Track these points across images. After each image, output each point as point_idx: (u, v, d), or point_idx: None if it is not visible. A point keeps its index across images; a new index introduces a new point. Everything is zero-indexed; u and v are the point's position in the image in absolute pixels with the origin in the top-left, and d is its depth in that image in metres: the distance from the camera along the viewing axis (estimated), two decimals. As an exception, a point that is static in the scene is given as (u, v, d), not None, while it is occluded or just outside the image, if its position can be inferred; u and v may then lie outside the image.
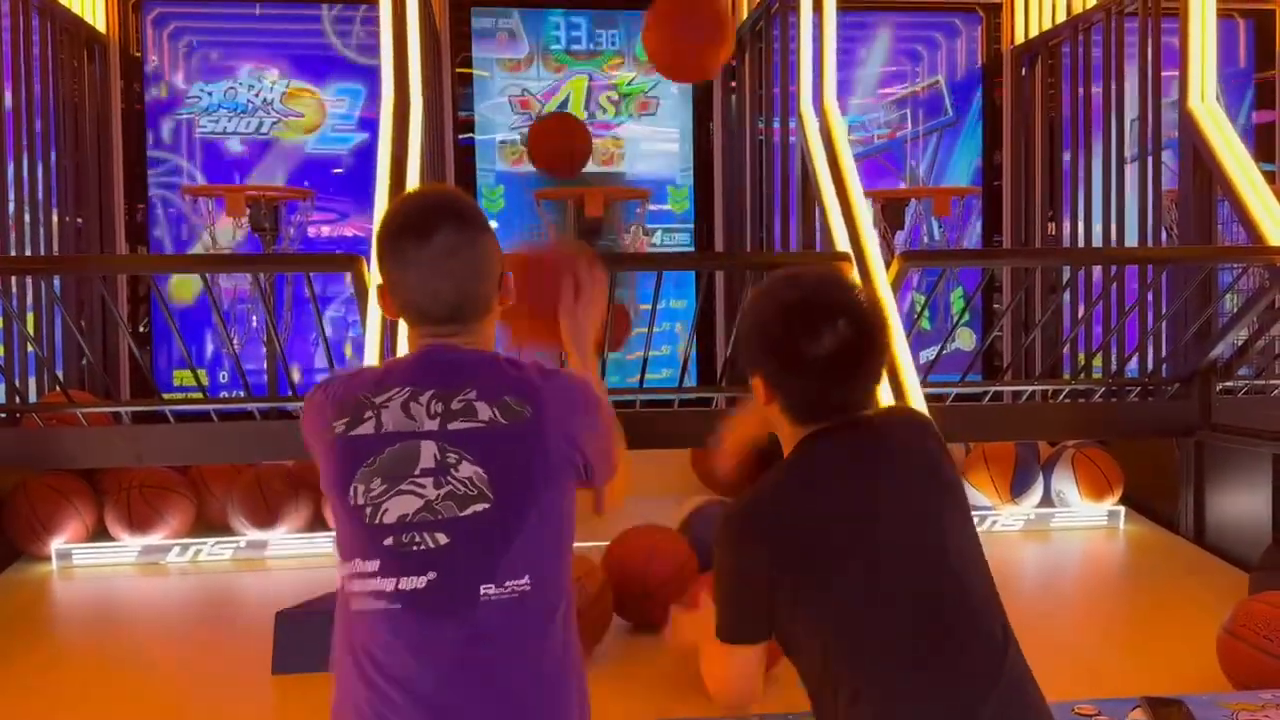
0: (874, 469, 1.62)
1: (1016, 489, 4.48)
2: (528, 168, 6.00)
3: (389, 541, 1.45)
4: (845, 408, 1.64)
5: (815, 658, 1.57)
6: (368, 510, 1.47)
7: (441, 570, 1.44)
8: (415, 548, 1.45)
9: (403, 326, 3.44)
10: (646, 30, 3.52)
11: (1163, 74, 4.77)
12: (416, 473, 1.46)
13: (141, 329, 5.64)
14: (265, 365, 5.14)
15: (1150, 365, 4.48)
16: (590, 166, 6.02)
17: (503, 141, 6.02)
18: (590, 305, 1.84)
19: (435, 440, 1.47)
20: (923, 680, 1.52)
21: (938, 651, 1.53)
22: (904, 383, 3.49)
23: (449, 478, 1.46)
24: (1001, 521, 4.44)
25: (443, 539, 1.45)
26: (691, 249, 6.11)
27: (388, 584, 1.45)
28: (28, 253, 4.50)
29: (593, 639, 2.97)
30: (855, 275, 3.73)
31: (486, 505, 1.46)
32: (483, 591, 1.44)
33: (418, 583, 1.44)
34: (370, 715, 1.44)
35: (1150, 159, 4.80)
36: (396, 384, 1.52)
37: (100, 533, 4.10)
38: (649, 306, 4.22)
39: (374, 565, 1.45)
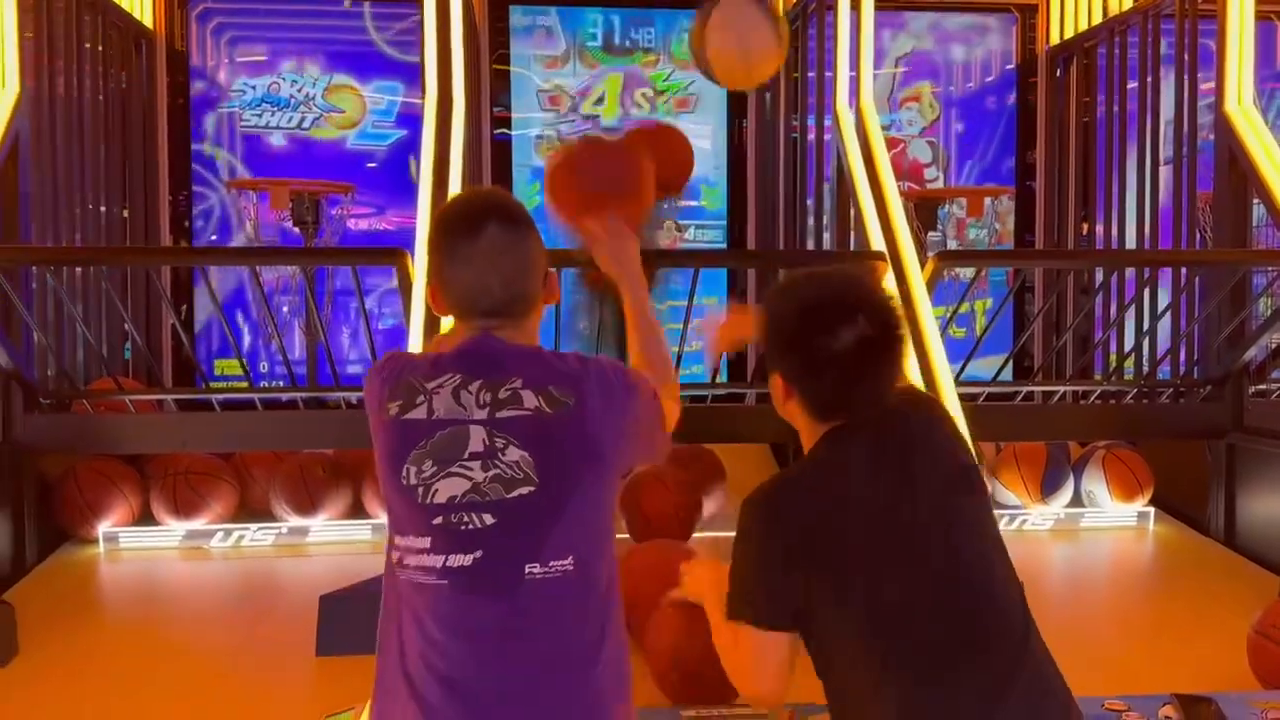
0: (893, 464, 1.65)
1: (1047, 489, 4.50)
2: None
3: (438, 520, 1.53)
4: (863, 404, 1.67)
5: (833, 652, 1.61)
6: (419, 490, 1.54)
7: (488, 549, 1.51)
8: (464, 527, 1.52)
9: (446, 321, 3.50)
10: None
11: (1199, 76, 4.77)
12: (465, 456, 1.54)
13: (182, 318, 5.75)
14: (303, 355, 5.23)
15: (1182, 367, 4.49)
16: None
17: (538, 137, 6.08)
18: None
19: (484, 426, 1.55)
20: (944, 672, 1.54)
21: (959, 643, 1.56)
22: (938, 383, 3.53)
23: (496, 461, 1.53)
24: (1031, 521, 4.46)
25: (489, 519, 1.52)
26: (723, 246, 6.15)
27: (437, 560, 1.52)
28: (78, 242, 4.61)
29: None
30: (890, 274, 3.77)
31: (532, 489, 1.53)
32: (527, 570, 1.51)
33: (464, 560, 1.51)
34: (416, 681, 1.51)
35: (1185, 161, 4.80)
36: (447, 371, 1.59)
37: (146, 517, 4.20)
38: (679, 304, 4.27)
39: (425, 542, 1.53)
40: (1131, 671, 2.98)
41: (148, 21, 5.50)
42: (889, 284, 3.71)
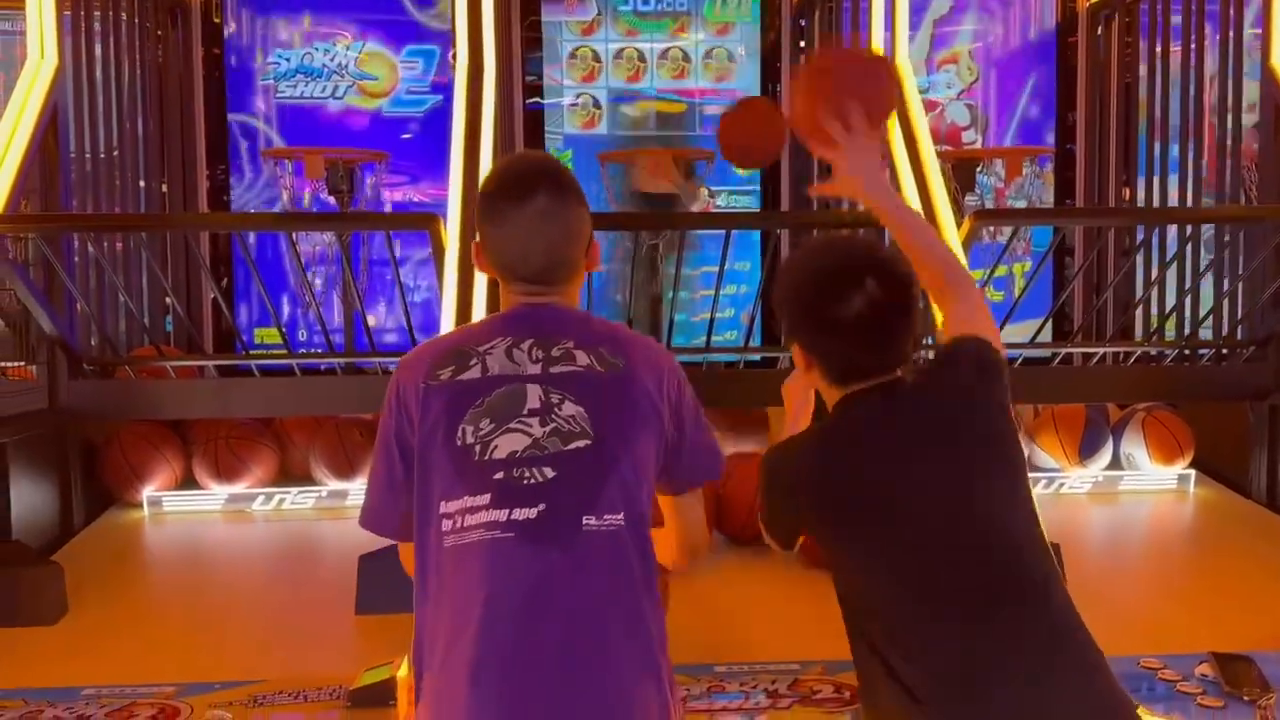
0: (906, 426, 1.66)
1: (1085, 451, 4.46)
2: (596, 131, 6.05)
3: (499, 475, 1.53)
4: (881, 368, 1.69)
5: (847, 582, 1.67)
6: (477, 448, 1.55)
7: (549, 501, 1.53)
8: (526, 481, 1.53)
9: (478, 290, 3.51)
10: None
11: (1245, 33, 4.66)
12: (524, 412, 1.56)
13: (221, 286, 5.82)
14: (340, 323, 5.28)
15: (1225, 328, 4.42)
16: (654, 128, 6.05)
17: (570, 105, 6.07)
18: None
19: (540, 383, 1.57)
20: (966, 631, 1.55)
21: (979, 604, 1.56)
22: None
23: (554, 416, 1.55)
24: (1069, 484, 4.43)
25: (549, 472, 1.54)
26: (756, 209, 6.12)
27: (500, 514, 1.52)
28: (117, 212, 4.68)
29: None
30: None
31: (588, 441, 1.55)
32: (584, 521, 1.53)
33: (530, 513, 1.52)
34: (470, 645, 1.49)
35: (1230, 118, 4.70)
36: (497, 335, 1.62)
37: (189, 481, 4.28)
38: (713, 269, 4.27)
39: (484, 499, 1.53)
40: (1169, 631, 2.95)
41: (182, -8, 5.54)
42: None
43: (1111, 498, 4.42)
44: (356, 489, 4.26)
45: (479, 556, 1.53)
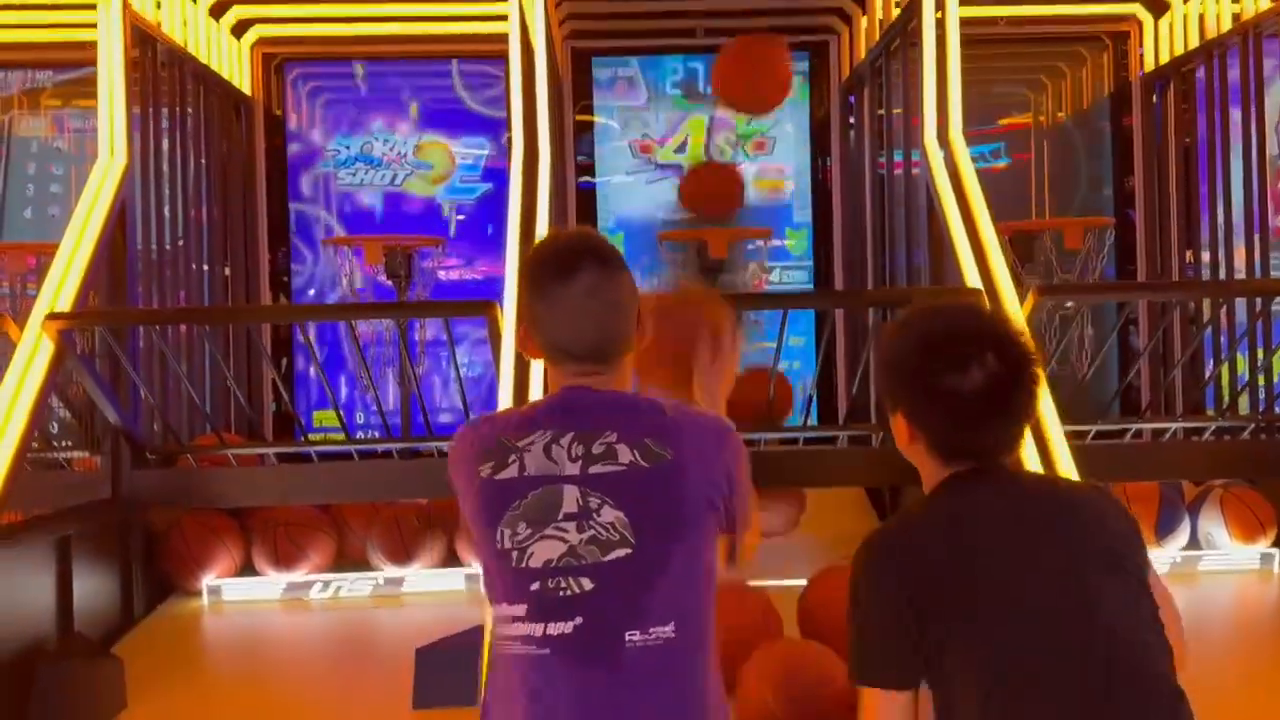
0: (1027, 516, 1.54)
1: (1161, 531, 4.30)
2: (648, 212, 6.10)
3: (535, 586, 1.47)
4: (995, 447, 1.56)
5: (954, 701, 1.50)
6: (514, 554, 1.49)
7: (588, 615, 1.46)
8: (561, 593, 1.46)
9: (534, 370, 3.50)
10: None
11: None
12: (560, 518, 1.48)
13: (281, 371, 5.90)
14: (398, 406, 5.32)
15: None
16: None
17: (622, 184, 6.13)
18: (726, 365, 1.85)
19: (577, 485, 1.50)
20: None
21: (1092, 707, 1.45)
22: (1043, 422, 3.41)
23: (591, 522, 1.48)
24: (1145, 564, 4.26)
25: (588, 584, 1.46)
26: (810, 286, 6.09)
27: (536, 629, 1.46)
28: (182, 299, 4.78)
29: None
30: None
31: (629, 550, 1.47)
32: (628, 638, 1.45)
33: (565, 628, 1.46)
34: None
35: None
36: (539, 427, 1.55)
37: (248, 568, 4.28)
38: (769, 345, 4.23)
39: (521, 610, 1.48)
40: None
41: (246, 88, 5.72)
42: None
43: (1192, 579, 4.24)
44: (413, 576, 4.23)
45: (518, 672, 1.48)
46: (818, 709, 2.67)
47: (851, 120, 5.91)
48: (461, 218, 6.01)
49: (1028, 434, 3.34)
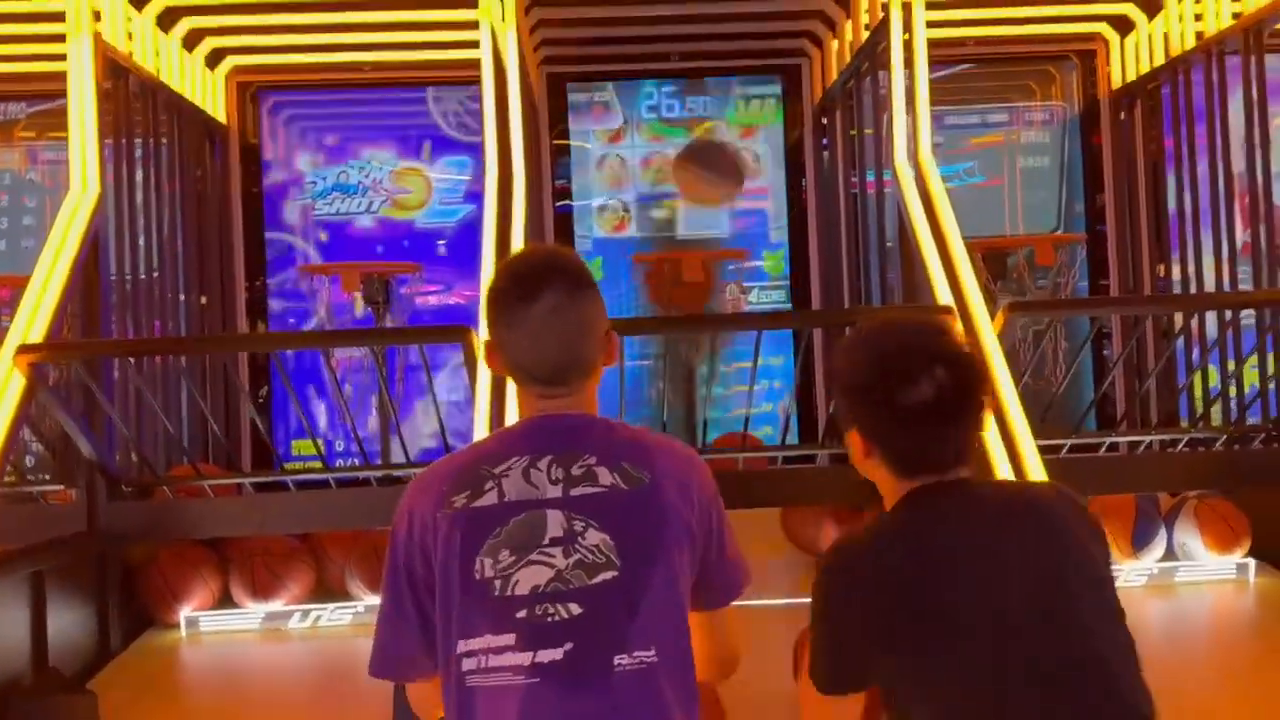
0: (990, 527, 1.56)
1: (1138, 543, 4.32)
2: (626, 234, 6.13)
3: (523, 614, 1.45)
4: (947, 458, 1.59)
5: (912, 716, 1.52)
6: (496, 583, 1.46)
7: (577, 641, 1.44)
8: (550, 619, 1.44)
9: (510, 394, 3.50)
10: None
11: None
12: (546, 542, 1.47)
13: (260, 399, 5.88)
14: (377, 432, 5.30)
15: (1274, 410, 4.31)
16: (685, 230, 6.13)
17: (600, 208, 6.15)
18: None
19: (561, 508, 1.48)
20: None
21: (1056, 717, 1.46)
22: (1016, 436, 3.43)
23: (577, 546, 1.47)
24: (1124, 577, 4.28)
25: (575, 609, 1.45)
26: (787, 306, 6.13)
27: (525, 657, 1.44)
28: (156, 329, 4.76)
29: None
30: (959, 327, 3.70)
31: (614, 573, 1.46)
32: (616, 662, 1.44)
33: (555, 655, 1.44)
34: None
35: (1262, 198, 4.67)
36: (514, 453, 1.53)
37: (225, 600, 4.24)
38: (747, 364, 4.25)
39: (509, 639, 1.44)
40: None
41: (221, 116, 5.72)
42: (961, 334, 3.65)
43: (1169, 590, 4.26)
44: (393, 603, 4.21)
45: (504, 703, 1.45)
46: None
47: (825, 141, 5.97)
48: (441, 243, 6.02)
49: (1002, 449, 3.37)
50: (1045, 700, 1.47)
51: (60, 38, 4.24)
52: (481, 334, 3.67)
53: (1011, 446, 3.40)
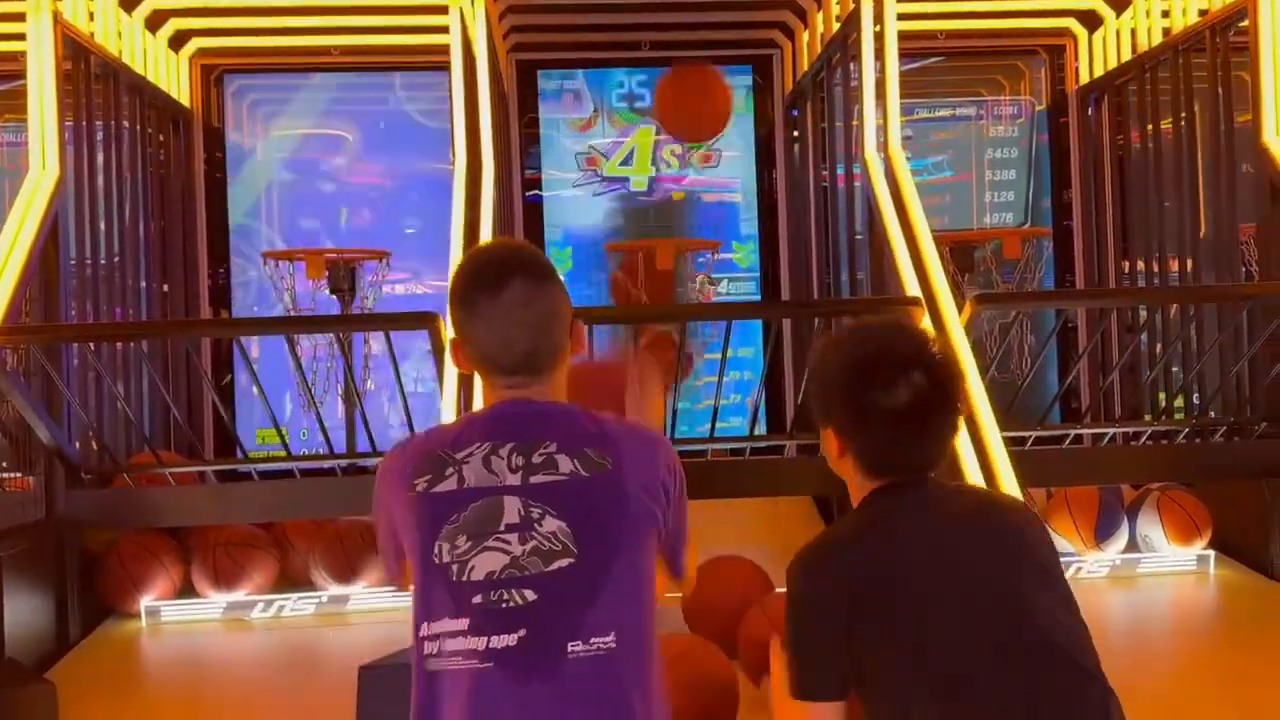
0: (951, 525, 1.59)
1: (1101, 534, 4.37)
2: (595, 224, 6.10)
3: (478, 599, 1.45)
4: (920, 462, 1.62)
5: (883, 714, 1.53)
6: (454, 568, 1.47)
7: (531, 627, 1.44)
8: (504, 605, 1.45)
9: (478, 383, 3.48)
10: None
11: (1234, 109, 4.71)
12: (501, 528, 1.47)
13: (223, 384, 5.80)
14: (343, 422, 5.24)
15: (1235, 404, 4.37)
16: (653, 219, 6.11)
17: (570, 198, 6.13)
18: (653, 394, 1.88)
19: (518, 495, 1.49)
20: None
21: (1023, 707, 1.48)
22: (982, 428, 3.45)
23: (533, 533, 1.47)
24: (1087, 568, 4.33)
25: (530, 595, 1.45)
26: (757, 297, 6.13)
27: (479, 642, 1.44)
28: (117, 315, 4.68)
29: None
30: (927, 320, 3.71)
31: (571, 560, 1.47)
32: (570, 649, 1.44)
33: (509, 640, 1.44)
34: None
35: (1224, 195, 4.72)
36: (476, 439, 1.53)
37: (187, 589, 4.20)
38: (716, 355, 4.25)
39: (463, 624, 1.45)
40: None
41: (184, 100, 5.63)
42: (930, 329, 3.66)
43: (1130, 581, 4.32)
44: (358, 594, 4.18)
45: (459, 687, 1.45)
46: None
47: (795, 133, 5.97)
48: (410, 231, 5.96)
49: (968, 441, 3.39)
50: (1011, 683, 1.48)
51: (20, 16, 4.15)
52: (449, 321, 3.66)
53: (978, 438, 3.42)
